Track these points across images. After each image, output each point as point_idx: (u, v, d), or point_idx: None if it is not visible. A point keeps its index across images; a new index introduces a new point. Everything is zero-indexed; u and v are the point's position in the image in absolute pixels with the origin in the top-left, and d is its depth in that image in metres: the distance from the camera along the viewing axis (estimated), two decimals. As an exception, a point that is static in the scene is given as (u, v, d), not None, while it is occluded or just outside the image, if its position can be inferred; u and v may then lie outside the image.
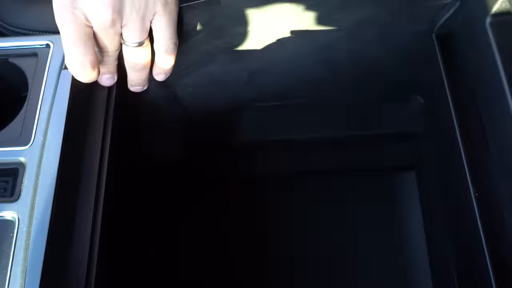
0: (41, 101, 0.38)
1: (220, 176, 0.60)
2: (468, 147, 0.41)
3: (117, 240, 0.42)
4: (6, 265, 0.32)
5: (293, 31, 0.40)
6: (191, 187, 0.61)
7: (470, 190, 0.39)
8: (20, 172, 0.36)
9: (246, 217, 0.61)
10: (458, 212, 0.46)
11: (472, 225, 0.39)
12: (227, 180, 0.61)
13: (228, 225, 0.60)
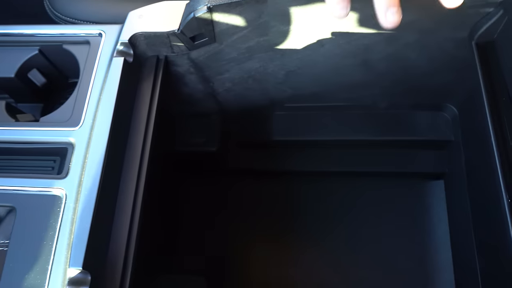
0: (92, 87, 0.40)
1: (248, 170, 0.62)
2: (504, 160, 0.40)
3: (153, 217, 0.44)
4: (52, 237, 0.35)
5: (334, 32, 0.41)
6: (220, 175, 0.63)
7: (504, 203, 0.39)
8: (69, 151, 0.38)
9: (266, 212, 0.62)
10: (487, 224, 0.46)
11: (503, 238, 0.39)
12: (255, 173, 0.63)
13: (248, 219, 0.62)
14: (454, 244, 0.57)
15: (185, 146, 0.56)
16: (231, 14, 0.38)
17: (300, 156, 0.61)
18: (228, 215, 0.62)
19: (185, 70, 0.46)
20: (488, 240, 0.47)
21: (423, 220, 0.60)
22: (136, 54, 0.41)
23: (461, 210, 0.55)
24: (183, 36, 0.40)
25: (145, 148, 0.40)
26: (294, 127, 0.59)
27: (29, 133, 0.40)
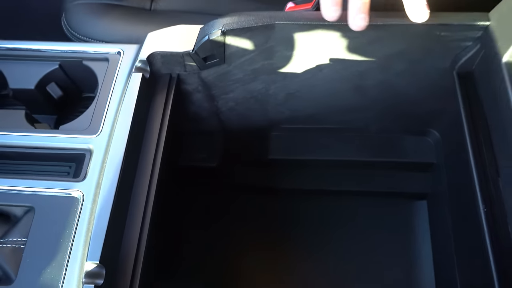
0: (110, 99, 0.44)
1: (246, 186, 0.65)
2: (483, 182, 0.44)
3: (161, 219, 0.46)
4: (69, 234, 0.37)
5: (331, 58, 0.46)
6: (220, 190, 0.66)
7: (483, 224, 0.42)
8: (87, 157, 0.41)
9: (262, 226, 0.65)
10: (467, 243, 0.50)
11: (483, 259, 0.42)
12: (253, 190, 0.66)
13: (244, 232, 0.65)
14: (436, 263, 0.60)
15: (188, 161, 0.60)
16: (242, 38, 0.43)
17: (296, 175, 0.64)
18: (225, 228, 0.65)
19: (193, 88, 0.50)
20: (468, 260, 0.50)
21: (409, 238, 0.63)
22: (152, 71, 0.45)
23: (442, 230, 0.59)
24: (196, 56, 0.44)
25: (157, 157, 0.43)
26: (290, 147, 0.63)
27: (49, 139, 0.43)
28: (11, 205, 0.40)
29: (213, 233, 0.64)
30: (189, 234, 0.65)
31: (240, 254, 0.63)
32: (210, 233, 0.64)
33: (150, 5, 0.64)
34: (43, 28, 0.53)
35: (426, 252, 0.62)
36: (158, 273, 0.56)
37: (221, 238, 0.64)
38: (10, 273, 0.37)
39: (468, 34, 0.41)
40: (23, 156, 0.43)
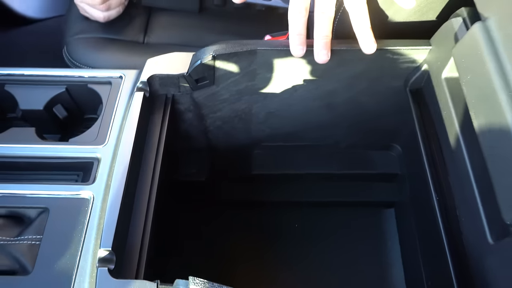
0: (114, 115, 0.50)
1: (231, 200, 0.71)
2: (437, 187, 0.51)
3: (159, 219, 0.51)
4: (82, 228, 0.42)
5: (305, 79, 0.54)
6: (206, 203, 0.71)
7: (440, 225, 0.48)
8: (95, 164, 0.47)
9: (245, 237, 0.70)
10: (429, 246, 0.56)
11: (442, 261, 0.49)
12: (237, 203, 0.72)
13: (229, 244, 0.70)
14: (405, 265, 0.67)
15: (179, 175, 0.65)
16: (229, 62, 0.50)
17: (276, 188, 0.71)
18: (211, 239, 0.70)
19: (186, 108, 0.57)
20: (431, 261, 0.57)
21: (379, 242, 0.70)
22: (151, 91, 0.52)
23: (409, 233, 0.66)
24: (189, 78, 0.51)
25: (156, 164, 0.49)
26: (271, 163, 0.70)
27: (60, 149, 0.48)
28: (27, 207, 0.44)
29: (199, 245, 0.69)
30: (177, 245, 0.69)
31: (225, 264, 0.68)
32: (196, 244, 0.69)
33: (143, 39, 0.72)
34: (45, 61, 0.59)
35: (396, 254, 0.68)
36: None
37: (208, 248, 0.69)
38: (27, 266, 0.41)
39: (415, 57, 0.50)
40: (34, 166, 0.48)
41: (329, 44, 0.48)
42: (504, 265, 0.35)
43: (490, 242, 0.37)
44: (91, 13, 0.68)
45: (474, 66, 0.38)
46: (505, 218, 0.33)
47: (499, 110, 0.34)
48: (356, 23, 0.47)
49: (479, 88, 0.37)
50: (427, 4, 0.49)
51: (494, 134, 0.35)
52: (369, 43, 0.47)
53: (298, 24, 0.47)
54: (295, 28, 0.47)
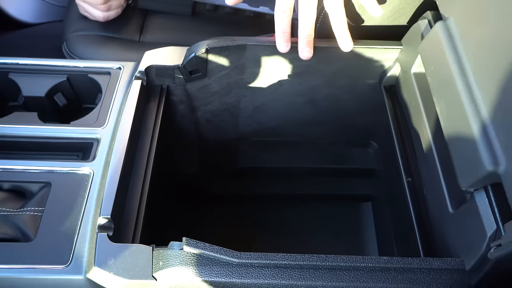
0: (113, 101, 0.54)
1: (219, 192, 0.75)
2: (408, 173, 0.56)
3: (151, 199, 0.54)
4: (83, 198, 0.46)
5: (289, 75, 0.59)
6: (195, 197, 0.75)
7: (413, 220, 0.53)
8: (95, 144, 0.51)
9: (231, 229, 0.74)
10: (403, 236, 0.61)
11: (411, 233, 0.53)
12: (223, 197, 0.75)
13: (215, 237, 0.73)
14: (380, 250, 0.71)
15: (169, 167, 0.69)
16: (221, 56, 0.55)
17: (260, 182, 0.75)
18: (199, 231, 0.73)
19: (179, 99, 0.61)
20: (403, 241, 0.61)
21: (357, 233, 0.74)
22: (147, 81, 0.56)
23: (384, 226, 0.70)
24: (184, 70, 0.56)
25: (151, 148, 0.53)
26: (257, 158, 0.74)
27: (61, 130, 0.52)
28: (30, 182, 0.48)
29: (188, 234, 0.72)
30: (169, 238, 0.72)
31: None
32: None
33: (139, 37, 0.76)
34: (45, 54, 0.63)
35: (372, 246, 0.73)
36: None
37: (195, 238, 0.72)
38: (30, 234, 0.45)
39: (388, 56, 0.56)
40: (37, 145, 0.52)
41: (312, 43, 0.53)
42: (460, 229, 0.40)
43: (450, 211, 0.42)
44: (91, 12, 0.72)
45: (436, 58, 0.44)
46: (461, 185, 0.38)
47: (456, 93, 0.40)
48: (335, 24, 0.52)
49: (440, 76, 0.43)
50: (398, 10, 0.55)
51: (452, 113, 0.40)
52: (346, 41, 0.52)
53: (283, 23, 0.52)
54: (280, 26, 0.53)
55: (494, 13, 0.37)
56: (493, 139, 0.35)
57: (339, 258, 0.39)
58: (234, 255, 0.39)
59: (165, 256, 0.40)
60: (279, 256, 0.40)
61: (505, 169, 0.34)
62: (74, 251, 0.42)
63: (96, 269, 0.41)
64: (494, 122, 0.36)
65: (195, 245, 0.40)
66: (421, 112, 0.50)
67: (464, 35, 0.41)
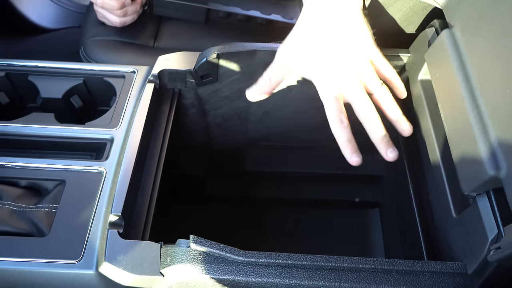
0: (127, 103, 0.56)
1: (226, 194, 0.76)
2: (413, 178, 0.56)
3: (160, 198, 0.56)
4: (95, 196, 0.47)
5: (299, 81, 0.60)
6: (201, 196, 0.76)
7: (418, 228, 0.53)
8: (108, 144, 0.52)
9: (238, 231, 0.75)
10: (409, 244, 0.61)
11: (417, 239, 0.54)
12: (229, 199, 0.77)
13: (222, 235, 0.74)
14: (387, 258, 0.72)
15: (177, 169, 0.71)
16: (231, 61, 0.57)
17: (268, 186, 0.76)
18: (205, 231, 0.74)
19: (190, 103, 0.63)
20: (409, 248, 0.62)
21: (365, 240, 0.75)
22: (160, 85, 0.58)
23: (391, 232, 0.71)
24: (195, 74, 0.57)
25: (163, 149, 0.55)
26: (265, 162, 0.75)
27: (77, 131, 0.54)
28: (46, 179, 0.50)
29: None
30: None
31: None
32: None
33: (153, 43, 0.78)
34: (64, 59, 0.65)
35: (379, 252, 0.73)
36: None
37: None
38: (44, 229, 0.46)
39: (396, 63, 0.57)
40: (53, 145, 0.54)
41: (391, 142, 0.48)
42: (463, 233, 0.41)
43: (454, 216, 0.43)
44: (108, 18, 0.74)
45: (442, 66, 0.45)
46: (463, 190, 0.39)
47: (460, 99, 0.40)
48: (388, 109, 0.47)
49: (445, 83, 0.44)
50: (407, 18, 0.56)
51: (455, 119, 0.41)
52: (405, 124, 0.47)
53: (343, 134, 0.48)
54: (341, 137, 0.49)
55: (496, 23, 0.38)
56: (494, 145, 0.36)
57: (342, 259, 0.40)
58: (240, 253, 0.40)
59: (172, 253, 0.41)
60: (283, 255, 0.41)
61: (506, 173, 0.35)
62: (86, 247, 0.44)
63: (106, 264, 0.42)
64: (495, 128, 0.37)
65: (202, 243, 0.41)
66: (427, 118, 0.51)
67: (469, 44, 0.42)
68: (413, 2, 0.54)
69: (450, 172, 0.44)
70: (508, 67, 0.35)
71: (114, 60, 0.72)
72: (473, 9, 0.42)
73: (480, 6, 0.40)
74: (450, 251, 0.44)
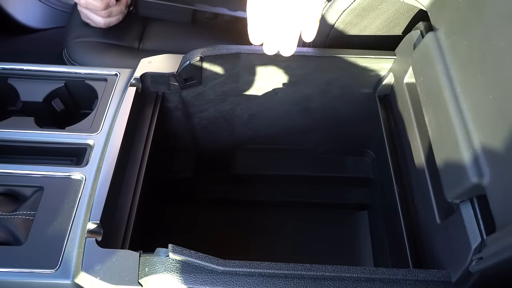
0: (108, 107, 0.55)
1: (213, 197, 0.75)
2: (399, 183, 0.56)
3: (142, 204, 0.55)
4: (73, 204, 0.46)
5: (284, 83, 0.59)
6: (189, 201, 0.75)
7: (397, 201, 0.53)
8: (88, 149, 0.51)
9: (227, 234, 0.74)
10: (395, 236, 0.61)
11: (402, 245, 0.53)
12: (219, 202, 0.76)
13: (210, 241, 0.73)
14: (375, 260, 0.71)
15: (164, 172, 0.70)
16: (215, 64, 0.56)
17: (256, 189, 0.75)
18: (192, 235, 0.73)
19: (174, 106, 0.62)
20: (395, 251, 0.61)
21: (353, 242, 0.74)
22: (143, 88, 0.57)
23: (379, 234, 0.70)
24: (179, 77, 0.56)
25: (145, 153, 0.54)
26: (253, 165, 0.75)
27: (56, 136, 0.52)
28: (23, 186, 0.48)
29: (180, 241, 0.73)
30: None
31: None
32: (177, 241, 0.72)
33: (138, 45, 0.77)
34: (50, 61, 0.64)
35: (367, 253, 0.72)
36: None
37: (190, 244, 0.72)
38: (20, 238, 0.45)
39: (382, 66, 0.56)
40: (32, 150, 0.53)
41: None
42: (447, 240, 0.40)
43: (438, 222, 0.42)
44: (92, 18, 0.73)
45: (426, 69, 0.44)
46: (447, 196, 0.38)
47: (444, 104, 0.40)
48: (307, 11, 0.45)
49: (429, 87, 0.43)
50: (393, 20, 0.55)
51: (439, 124, 0.40)
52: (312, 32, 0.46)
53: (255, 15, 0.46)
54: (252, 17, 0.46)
55: (479, 28, 0.37)
56: (478, 151, 0.35)
57: (324, 267, 0.39)
58: (219, 263, 0.39)
59: (151, 262, 0.40)
60: (264, 264, 0.40)
61: (489, 181, 0.34)
62: (63, 256, 0.43)
63: (83, 274, 0.41)
64: (479, 135, 0.36)
65: (181, 252, 0.40)
66: (413, 122, 0.50)
67: (453, 47, 0.41)
68: (399, 3, 0.53)
69: (434, 178, 0.43)
70: (491, 72, 0.34)
71: (98, 62, 0.70)
72: (457, 12, 0.41)
73: (464, 10, 0.40)
74: (434, 258, 0.43)
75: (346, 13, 0.54)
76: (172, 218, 0.74)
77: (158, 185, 0.69)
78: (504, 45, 0.34)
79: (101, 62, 0.71)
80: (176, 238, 0.73)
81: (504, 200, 0.32)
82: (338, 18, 0.55)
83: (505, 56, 0.33)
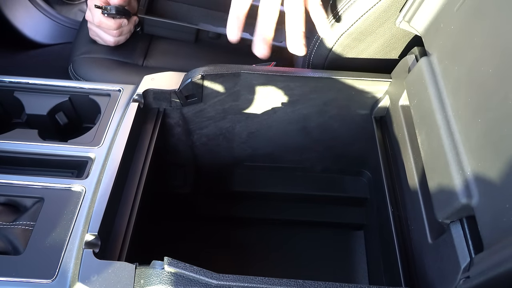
0: (110, 122, 0.56)
1: (211, 213, 0.76)
2: (394, 203, 0.56)
3: (140, 217, 0.56)
4: (72, 215, 0.47)
5: (283, 103, 0.61)
6: (187, 215, 0.76)
7: (391, 222, 0.54)
8: (89, 162, 0.52)
9: (224, 251, 0.74)
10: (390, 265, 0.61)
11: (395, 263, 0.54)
12: (216, 219, 0.76)
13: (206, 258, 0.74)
14: (370, 279, 0.71)
15: (163, 187, 0.71)
16: (216, 82, 0.57)
17: (254, 206, 0.76)
18: (188, 250, 0.74)
19: (175, 122, 0.63)
20: (390, 270, 0.61)
21: (349, 262, 0.74)
22: (145, 104, 0.58)
23: (374, 254, 0.70)
24: (180, 94, 0.58)
25: (144, 168, 0.55)
26: (251, 182, 0.75)
27: (59, 148, 0.54)
28: (24, 196, 0.49)
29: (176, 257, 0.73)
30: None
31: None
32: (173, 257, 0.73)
33: (142, 62, 0.79)
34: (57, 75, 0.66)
35: (362, 274, 0.73)
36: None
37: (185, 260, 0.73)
38: (19, 247, 0.46)
39: (379, 88, 0.58)
40: (34, 162, 0.54)
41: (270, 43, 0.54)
42: (437, 260, 0.41)
43: (430, 242, 0.43)
44: (102, 37, 0.75)
45: (420, 92, 0.45)
46: (437, 216, 0.39)
47: (436, 127, 0.41)
48: (289, 25, 0.51)
49: (422, 110, 0.44)
50: (389, 44, 0.57)
51: (431, 146, 0.41)
52: (298, 46, 0.52)
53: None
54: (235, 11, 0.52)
55: (469, 53, 0.39)
56: (467, 172, 0.36)
57: (317, 284, 0.40)
58: (214, 276, 0.40)
59: (146, 274, 0.41)
60: (258, 279, 0.40)
61: (478, 202, 0.35)
62: (61, 266, 0.43)
63: (79, 284, 0.42)
64: (469, 157, 0.37)
65: (176, 265, 0.40)
66: (407, 144, 0.51)
67: (445, 72, 0.43)
68: (395, 29, 0.55)
69: (427, 198, 0.44)
70: (479, 96, 0.36)
71: (103, 78, 0.72)
72: (450, 38, 0.42)
73: (455, 36, 0.41)
74: (426, 277, 0.44)
75: (345, 37, 0.56)
76: (169, 232, 0.75)
77: (157, 200, 0.70)
78: (492, 71, 0.35)
79: (106, 78, 0.72)
80: (172, 252, 0.73)
81: (491, 220, 0.33)
82: (336, 41, 0.57)
83: (492, 82, 0.34)
